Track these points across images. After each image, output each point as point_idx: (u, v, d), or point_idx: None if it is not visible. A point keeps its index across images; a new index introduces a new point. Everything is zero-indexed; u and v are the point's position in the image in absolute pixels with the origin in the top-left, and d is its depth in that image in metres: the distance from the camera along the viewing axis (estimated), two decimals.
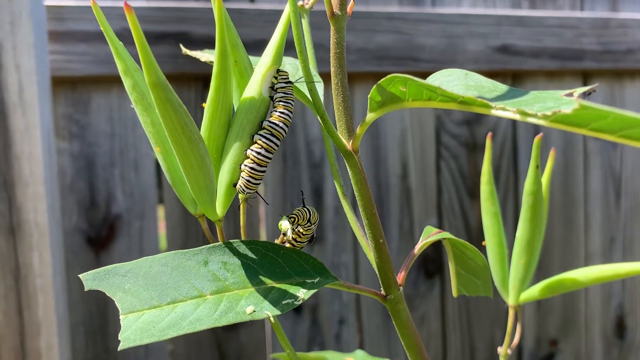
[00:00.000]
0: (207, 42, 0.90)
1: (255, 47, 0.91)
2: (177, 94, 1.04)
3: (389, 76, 0.27)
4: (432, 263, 1.09)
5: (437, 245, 1.08)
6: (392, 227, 1.06)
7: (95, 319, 0.90)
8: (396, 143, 1.05)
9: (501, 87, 0.25)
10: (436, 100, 0.26)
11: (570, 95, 0.23)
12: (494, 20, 1.08)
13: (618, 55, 1.17)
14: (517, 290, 0.45)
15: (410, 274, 1.08)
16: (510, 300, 0.45)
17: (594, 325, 1.22)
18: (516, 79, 1.13)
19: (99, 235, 0.90)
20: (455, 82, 0.26)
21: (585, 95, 0.24)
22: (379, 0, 1.05)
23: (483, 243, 0.47)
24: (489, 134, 0.46)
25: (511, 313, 0.45)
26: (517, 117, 0.23)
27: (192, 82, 0.93)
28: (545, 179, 0.45)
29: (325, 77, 0.36)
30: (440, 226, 1.09)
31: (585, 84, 1.18)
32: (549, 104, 0.22)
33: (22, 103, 0.77)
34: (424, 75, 1.06)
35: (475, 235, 1.11)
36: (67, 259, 0.88)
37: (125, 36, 0.88)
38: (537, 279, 1.17)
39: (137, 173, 0.91)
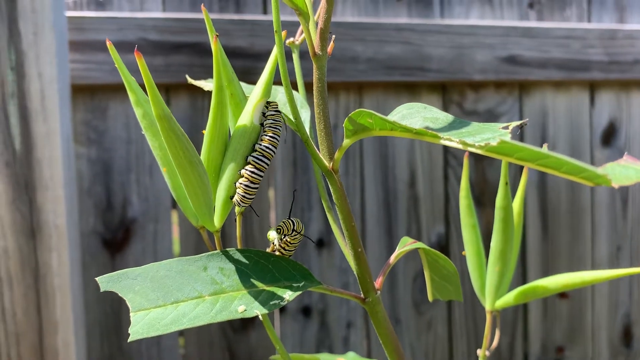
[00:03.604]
0: None
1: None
2: (191, 102, 1.06)
3: (357, 110, 0.31)
4: None
5: (444, 250, 1.10)
6: (399, 232, 1.08)
7: (110, 319, 0.93)
8: (404, 151, 1.08)
9: (452, 120, 0.30)
10: (397, 131, 0.30)
11: (507, 128, 0.27)
12: (501, 31, 1.10)
13: (625, 66, 1.18)
14: (492, 296, 0.48)
15: (417, 280, 1.10)
16: (487, 306, 0.49)
17: (601, 334, 1.24)
18: (523, 89, 1.15)
19: (115, 238, 0.93)
20: (415, 115, 0.31)
21: (518, 128, 0.28)
22: (388, 12, 1.08)
23: (463, 253, 0.51)
24: (466, 153, 0.48)
25: (488, 317, 0.49)
26: (459, 146, 0.27)
27: (206, 91, 0.96)
28: (519, 195, 0.50)
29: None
30: (447, 233, 1.12)
31: (592, 95, 1.20)
32: (486, 135, 0.27)
33: (43, 110, 0.80)
34: (433, 85, 1.07)
35: (482, 242, 1.13)
36: (83, 261, 0.91)
37: (142, 46, 0.92)
38: None
39: (152, 178, 0.94)
